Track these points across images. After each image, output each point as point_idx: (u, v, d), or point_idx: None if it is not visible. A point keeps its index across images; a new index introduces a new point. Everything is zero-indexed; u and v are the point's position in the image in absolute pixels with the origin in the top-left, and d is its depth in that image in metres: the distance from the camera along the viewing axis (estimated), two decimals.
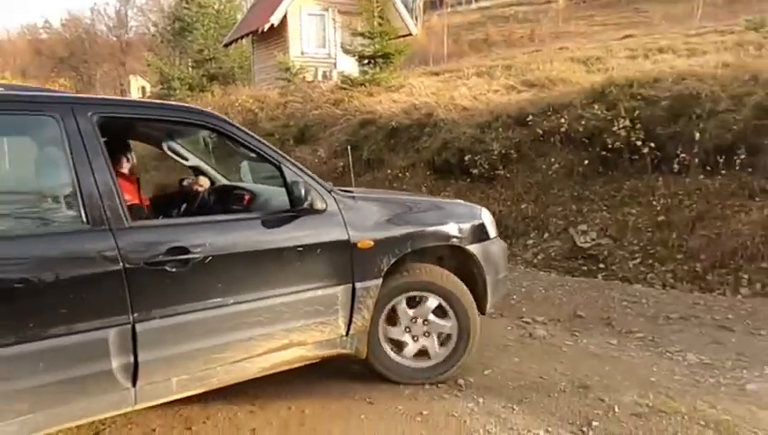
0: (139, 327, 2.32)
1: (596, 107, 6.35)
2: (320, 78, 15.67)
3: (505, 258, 3.56)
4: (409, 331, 3.15)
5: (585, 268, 5.67)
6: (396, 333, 3.13)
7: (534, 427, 2.71)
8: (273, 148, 2.88)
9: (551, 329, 4.04)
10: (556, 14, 36.54)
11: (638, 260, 5.45)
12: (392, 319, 3.14)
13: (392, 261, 2.98)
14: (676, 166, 5.61)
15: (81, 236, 2.28)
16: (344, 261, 2.85)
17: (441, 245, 3.22)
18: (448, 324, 3.15)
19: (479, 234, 3.31)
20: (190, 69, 22.76)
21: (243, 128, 2.90)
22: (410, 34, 17.79)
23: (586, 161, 6.29)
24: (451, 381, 3.16)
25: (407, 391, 3.09)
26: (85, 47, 41.09)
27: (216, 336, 2.55)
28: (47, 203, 2.46)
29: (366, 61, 11.75)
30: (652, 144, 5.78)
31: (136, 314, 2.31)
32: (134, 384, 2.36)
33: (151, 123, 3.39)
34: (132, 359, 2.32)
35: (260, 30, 16.76)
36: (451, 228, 3.21)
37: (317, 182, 2.86)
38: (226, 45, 20.88)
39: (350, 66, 13.36)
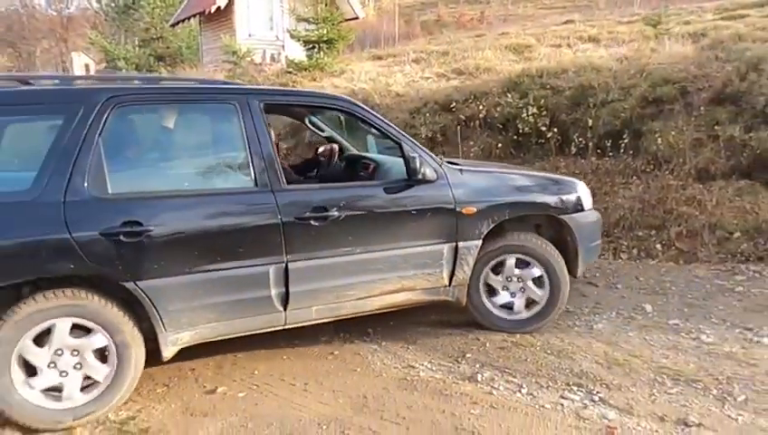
0: (290, 266, 3.07)
1: (509, 95, 7.09)
2: (268, 60, 15.96)
3: (599, 228, 4.03)
4: (507, 288, 3.70)
5: None
6: (495, 284, 3.69)
7: (421, 360, 3.43)
8: (395, 127, 3.51)
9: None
10: None
11: None
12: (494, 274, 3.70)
13: (491, 226, 3.51)
14: (574, 149, 6.41)
15: (251, 195, 3.05)
16: (450, 224, 3.41)
17: (537, 214, 3.74)
18: (540, 283, 3.68)
19: (573, 205, 3.75)
20: (137, 48, 22.48)
21: (371, 111, 3.61)
22: (357, 18, 18.23)
23: (501, 145, 7.03)
24: (361, 330, 3.82)
25: (323, 338, 3.76)
26: (23, 22, 39.37)
27: (345, 277, 3.25)
28: (228, 169, 3.22)
29: (310, 45, 12.16)
30: (555, 129, 6.56)
31: (288, 256, 3.06)
32: (285, 309, 3.13)
33: (300, 108, 4.22)
34: (284, 289, 3.09)
35: (207, 11, 16.85)
36: (546, 199, 3.70)
37: (430, 156, 3.46)
38: (173, 25, 20.74)
39: (297, 49, 13.70)
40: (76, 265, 2.67)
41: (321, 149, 4.60)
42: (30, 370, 2.67)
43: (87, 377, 2.77)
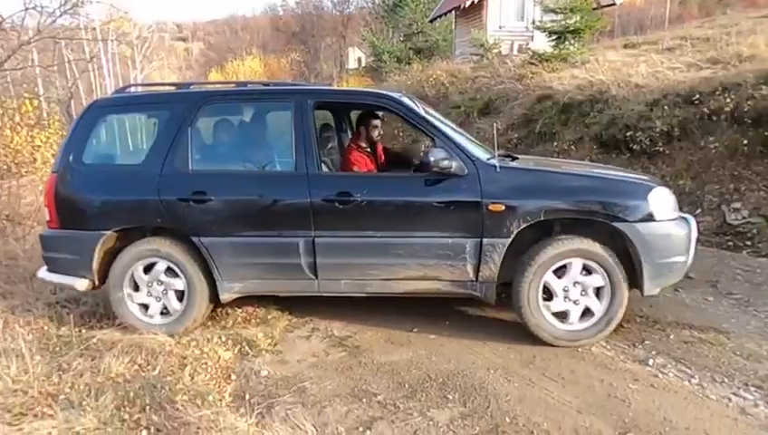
0: (317, 240, 3.58)
1: (763, 88, 6.34)
2: (515, 51, 16.28)
3: (682, 243, 3.43)
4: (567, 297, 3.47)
5: (731, 244, 5.91)
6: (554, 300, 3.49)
7: (600, 341, 3.62)
8: (433, 125, 3.64)
9: None
10: None
11: None
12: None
13: (522, 226, 3.37)
14: None
15: (291, 177, 3.64)
16: (474, 219, 3.41)
17: (582, 218, 3.40)
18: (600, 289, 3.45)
19: (637, 213, 3.33)
20: (400, 42, 24.86)
21: (413, 108, 3.72)
22: (613, 4, 17.39)
23: (749, 142, 6.36)
24: None
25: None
26: (313, 22, 46.07)
27: (368, 257, 3.59)
28: (278, 154, 3.84)
29: (556, 36, 12.16)
30: None
31: (315, 232, 3.58)
32: (316, 277, 3.66)
33: (345, 106, 4.56)
34: (313, 260, 3.61)
35: (462, 5, 17.87)
36: (593, 204, 3.36)
37: (463, 153, 3.49)
38: (432, 20, 22.38)
39: (545, 40, 13.74)
40: (162, 220, 3.67)
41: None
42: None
43: None
